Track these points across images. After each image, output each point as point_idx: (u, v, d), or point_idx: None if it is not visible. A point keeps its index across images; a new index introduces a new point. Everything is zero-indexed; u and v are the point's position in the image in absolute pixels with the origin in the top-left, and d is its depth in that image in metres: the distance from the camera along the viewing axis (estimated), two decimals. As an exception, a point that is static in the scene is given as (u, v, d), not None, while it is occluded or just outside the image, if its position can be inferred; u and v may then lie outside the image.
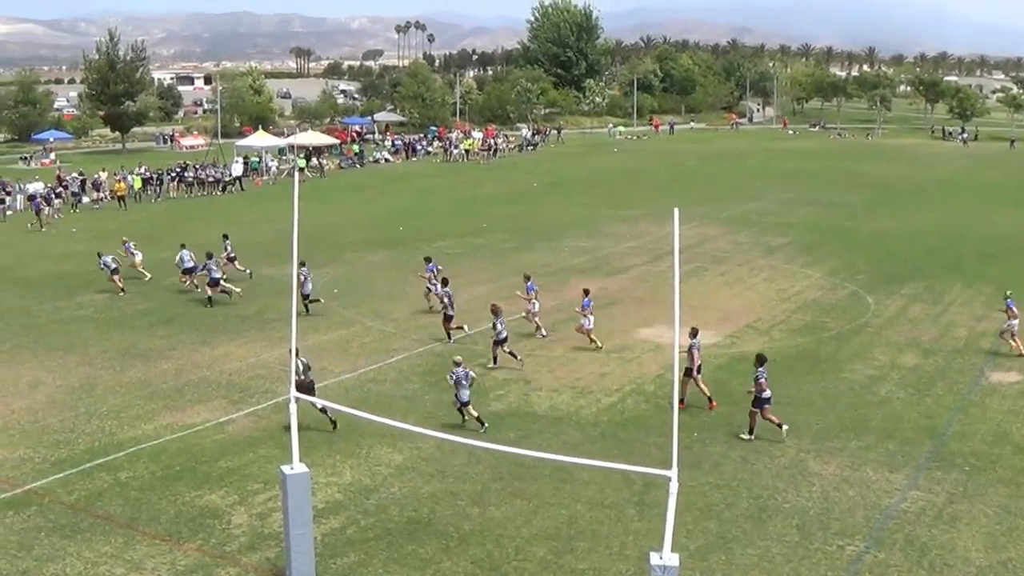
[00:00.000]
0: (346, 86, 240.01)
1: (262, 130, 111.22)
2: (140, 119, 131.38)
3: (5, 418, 30.64)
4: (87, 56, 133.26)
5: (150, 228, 65.66)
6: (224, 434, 28.92)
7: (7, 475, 26.36)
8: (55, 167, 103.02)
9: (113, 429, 29.42)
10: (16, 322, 42.27)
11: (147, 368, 35.32)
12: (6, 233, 66.58)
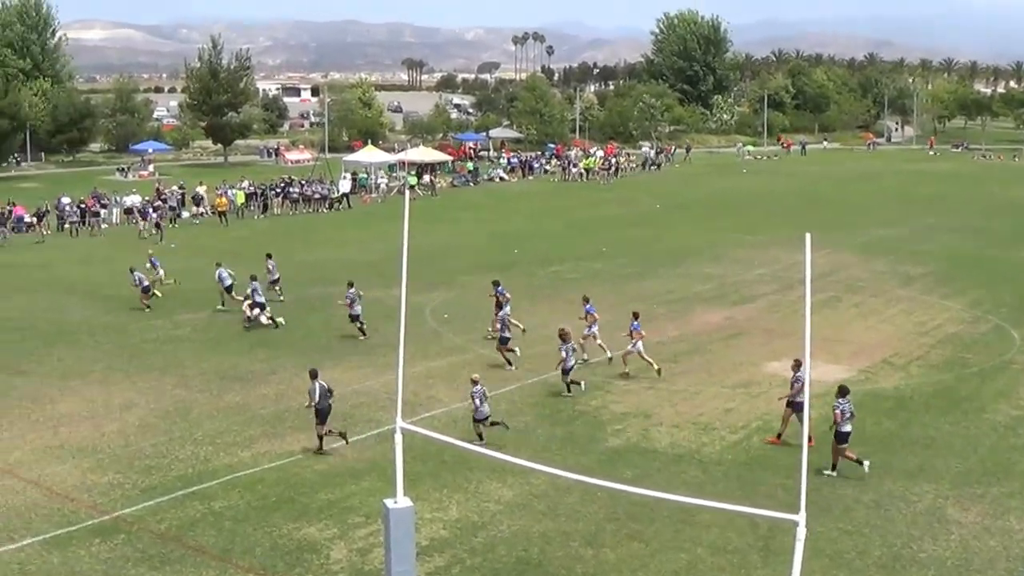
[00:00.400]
0: (460, 100, 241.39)
1: (371, 145, 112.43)
2: (243, 131, 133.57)
3: (95, 441, 31.24)
4: (188, 64, 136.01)
5: (252, 246, 66.56)
6: (325, 464, 29.17)
7: (95, 501, 26.85)
8: (154, 180, 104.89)
9: (208, 456, 29.85)
10: (110, 341, 43.12)
11: (245, 392, 35.77)
12: (101, 248, 68.03)
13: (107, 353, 41.34)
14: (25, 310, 49.93)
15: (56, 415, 33.69)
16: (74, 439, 31.39)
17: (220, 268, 49.04)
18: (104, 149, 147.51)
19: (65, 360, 40.46)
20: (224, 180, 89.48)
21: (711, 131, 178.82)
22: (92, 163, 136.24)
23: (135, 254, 63.90)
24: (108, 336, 43.96)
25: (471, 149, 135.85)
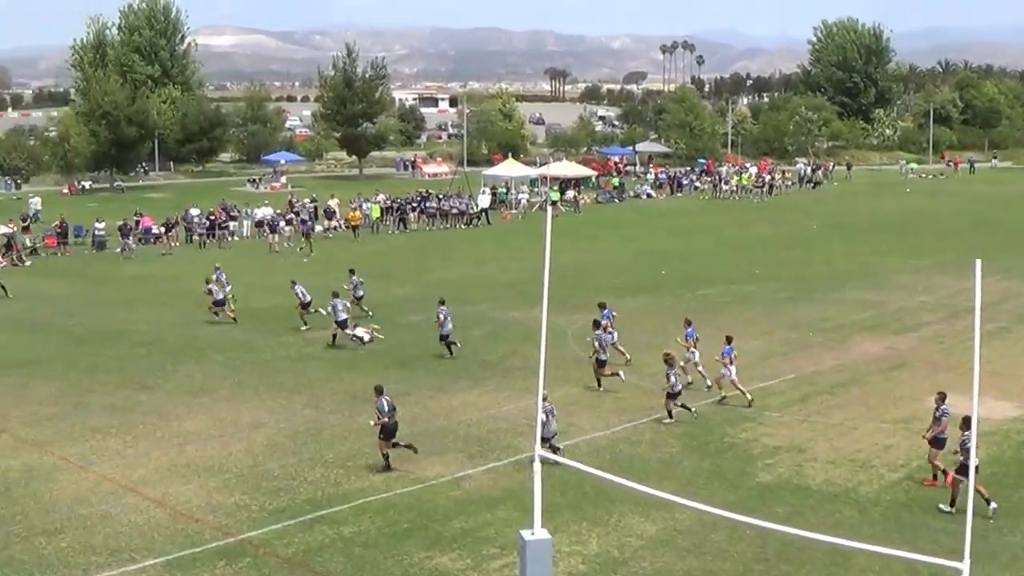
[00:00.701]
0: (605, 112, 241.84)
1: (512, 159, 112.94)
2: (379, 143, 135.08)
3: (222, 460, 31.80)
4: (322, 72, 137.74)
5: (386, 261, 67.42)
6: (460, 491, 29.36)
7: (221, 522, 27.32)
8: (286, 192, 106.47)
9: (338, 479, 30.19)
10: (239, 358, 43.87)
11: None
12: (229, 261, 69.14)
13: (236, 370, 42.08)
14: (152, 324, 51.03)
15: (183, 432, 34.38)
16: (201, 458, 32.00)
17: (296, 286, 49.69)
18: (234, 159, 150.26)
19: (193, 376, 41.29)
20: (359, 193, 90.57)
21: (872, 147, 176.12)
22: (222, 174, 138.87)
23: (265, 268, 65.05)
24: (237, 352, 44.78)
25: (617, 164, 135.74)
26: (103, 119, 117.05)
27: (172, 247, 76.60)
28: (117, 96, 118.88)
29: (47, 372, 42.26)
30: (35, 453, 32.83)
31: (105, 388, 39.48)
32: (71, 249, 76.22)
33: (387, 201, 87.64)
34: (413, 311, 50.54)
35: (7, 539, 26.34)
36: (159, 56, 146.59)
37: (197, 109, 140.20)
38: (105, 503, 28.56)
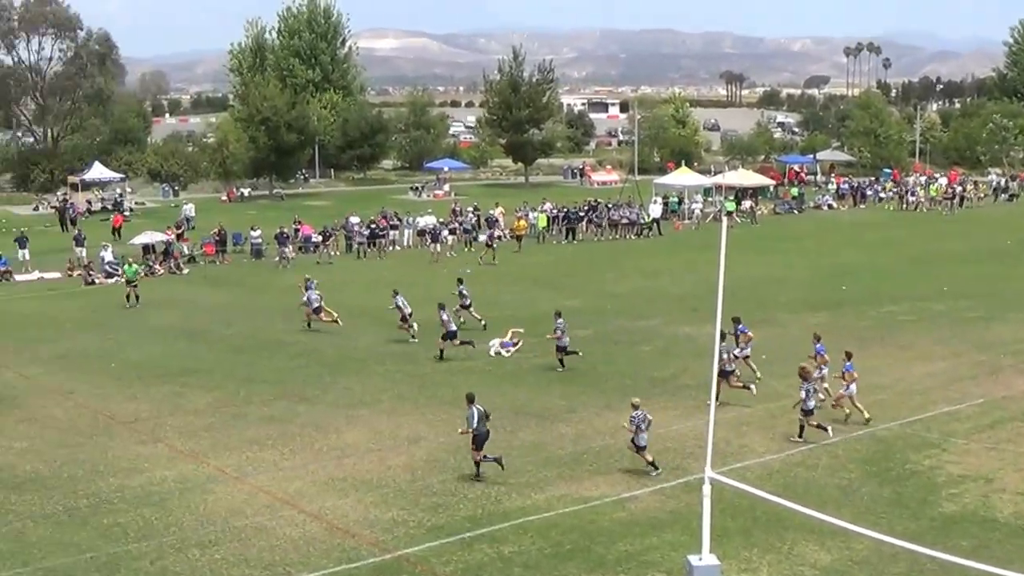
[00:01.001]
0: (784, 118, 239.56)
1: (685, 167, 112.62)
2: (546, 150, 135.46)
3: (380, 474, 32.30)
4: (487, 76, 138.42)
5: (552, 273, 67.73)
6: (625, 512, 29.41)
7: (378, 537, 27.76)
8: (450, 200, 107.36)
9: (499, 496, 30.49)
10: (399, 370, 44.46)
11: (542, 431, 36.37)
12: (390, 270, 70.11)
13: (396, 382, 42.66)
14: (311, 335, 51.93)
15: (341, 445, 34.98)
16: (358, 471, 32.55)
17: (397, 296, 50.36)
18: (396, 167, 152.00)
19: (352, 388, 41.96)
20: (524, 202, 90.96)
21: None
22: (383, 181, 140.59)
23: (426, 278, 65.70)
24: (398, 364, 45.38)
25: (796, 173, 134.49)
26: (262, 125, 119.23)
27: (332, 256, 77.84)
28: (277, 101, 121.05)
29: (204, 382, 43.30)
30: (191, 464, 33.70)
31: (263, 399, 40.32)
32: (229, 257, 77.82)
33: (554, 210, 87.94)
34: (580, 325, 50.65)
35: (161, 550, 27.09)
36: (319, 60, 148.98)
37: (358, 115, 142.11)
38: (260, 515, 29.22)
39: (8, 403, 40.99)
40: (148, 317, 56.42)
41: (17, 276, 71.21)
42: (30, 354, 49.12)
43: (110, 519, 29.17)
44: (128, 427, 37.74)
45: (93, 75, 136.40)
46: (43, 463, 33.93)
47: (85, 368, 46.25)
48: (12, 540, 27.93)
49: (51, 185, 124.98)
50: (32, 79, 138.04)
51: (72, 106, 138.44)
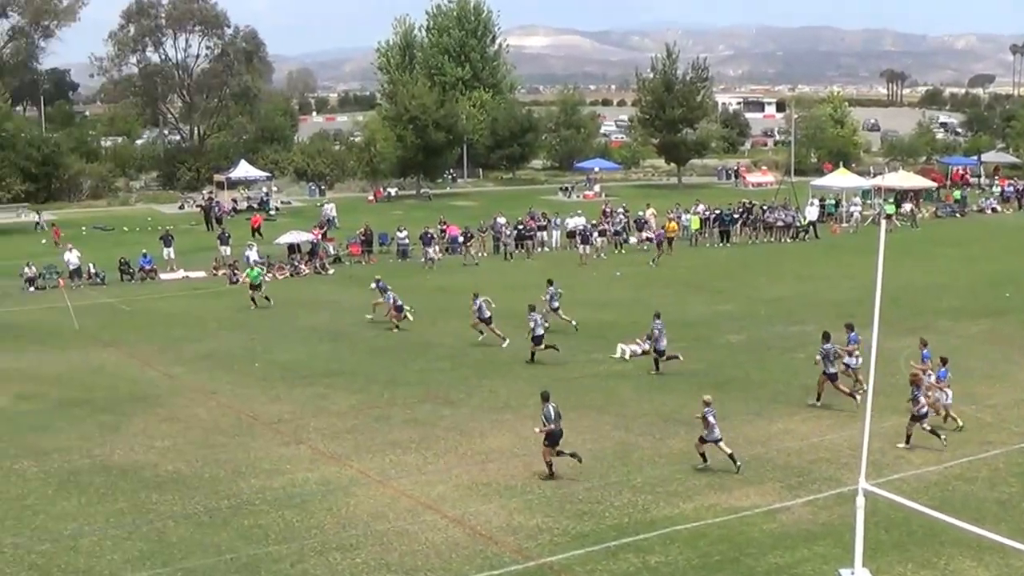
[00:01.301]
0: (947, 118, 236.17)
1: (843, 168, 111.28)
2: (699, 150, 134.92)
3: (525, 481, 32.36)
4: (640, 74, 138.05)
5: (704, 276, 67.40)
6: (775, 523, 29.16)
7: (521, 544, 27.81)
8: (600, 200, 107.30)
9: (647, 505, 30.37)
10: (546, 375, 44.42)
11: (691, 438, 35.97)
12: (536, 272, 70.17)
13: (542, 386, 42.51)
14: (457, 337, 52.17)
15: (485, 450, 35.13)
16: (503, 476, 32.66)
17: (478, 299, 50.57)
18: (546, 166, 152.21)
19: (498, 392, 42.12)
20: (677, 204, 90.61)
21: None
22: (533, 181, 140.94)
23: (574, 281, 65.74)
24: (545, 369, 45.40)
25: (959, 175, 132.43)
26: (410, 124, 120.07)
27: (479, 256, 78.27)
28: (425, 100, 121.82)
29: (348, 384, 43.73)
30: (333, 466, 34.06)
31: (406, 401, 40.59)
32: (375, 257, 78.57)
33: (707, 212, 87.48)
34: (733, 330, 50.42)
35: (302, 553, 27.41)
36: (469, 58, 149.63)
37: (508, 113, 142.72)
38: (402, 520, 29.44)
39: (152, 402, 41.77)
40: (292, 317, 57.11)
41: (162, 275, 72.58)
42: (174, 353, 50.01)
43: (251, 520, 29.60)
44: (271, 428, 38.27)
45: (240, 73, 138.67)
46: (185, 463, 34.53)
47: (229, 368, 46.99)
48: (153, 540, 28.44)
49: (197, 183, 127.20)
50: (179, 77, 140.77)
51: (219, 104, 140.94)
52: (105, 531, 29.04)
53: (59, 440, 37.18)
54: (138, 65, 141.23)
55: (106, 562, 27.19)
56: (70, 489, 32.46)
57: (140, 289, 68.90)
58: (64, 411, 40.89)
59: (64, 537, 28.75)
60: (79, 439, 37.21)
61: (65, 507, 30.99)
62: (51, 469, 34.29)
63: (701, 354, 47.33)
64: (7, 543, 28.38)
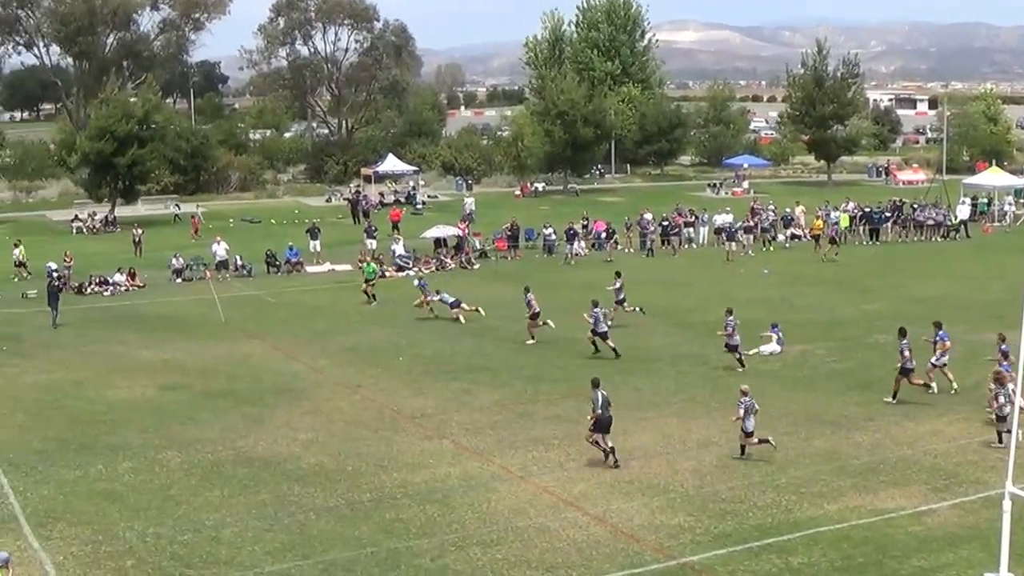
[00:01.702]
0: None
1: (996, 166, 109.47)
2: (849, 147, 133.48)
3: (668, 479, 32.28)
4: (790, 70, 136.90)
5: (853, 274, 66.63)
6: (921, 526, 28.77)
7: (663, 543, 27.74)
8: (748, 197, 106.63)
9: (790, 505, 30.15)
10: (692, 372, 44.36)
11: (836, 439, 35.83)
12: (684, 270, 69.96)
13: (688, 384, 42.54)
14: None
15: (628, 447, 34.96)
16: (645, 475, 32.60)
17: (528, 293, 51.17)
18: (694, 163, 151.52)
19: (642, 389, 42.00)
20: (826, 201, 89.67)
21: None
22: (681, 177, 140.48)
23: (720, 278, 65.49)
24: (691, 366, 45.29)
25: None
26: (558, 119, 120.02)
27: (627, 251, 78.19)
28: (574, 95, 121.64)
29: (491, 379, 43.89)
30: (475, 461, 34.24)
31: (550, 398, 40.63)
32: (521, 252, 78.65)
33: (856, 210, 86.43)
34: (881, 329, 49.77)
35: (442, 547, 27.59)
36: (619, 53, 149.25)
37: (656, 109, 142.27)
38: (543, 516, 29.50)
39: (296, 395, 42.28)
40: (437, 311, 57.26)
41: (308, 267, 73.28)
42: (319, 346, 50.53)
43: (392, 514, 29.84)
44: (414, 422, 38.54)
45: (389, 67, 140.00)
46: (327, 456, 34.91)
47: (373, 362, 47.38)
48: (294, 532, 28.80)
49: (344, 177, 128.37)
50: (328, 70, 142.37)
51: (367, 98, 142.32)
52: (247, 522, 29.51)
53: (203, 431, 37.82)
54: (287, 58, 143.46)
55: (247, 553, 27.60)
56: (213, 480, 33.03)
57: (286, 281, 69.67)
58: (208, 402, 41.58)
59: (206, 528, 29.25)
60: (223, 431, 37.82)
61: (208, 498, 31.54)
62: (195, 460, 34.92)
63: (849, 353, 46.92)
64: (150, 533, 28.94)
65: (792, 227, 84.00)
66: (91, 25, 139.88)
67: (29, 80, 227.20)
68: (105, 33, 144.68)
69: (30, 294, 63.97)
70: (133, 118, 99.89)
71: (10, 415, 40.53)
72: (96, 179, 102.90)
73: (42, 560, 27.51)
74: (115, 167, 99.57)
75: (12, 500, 31.63)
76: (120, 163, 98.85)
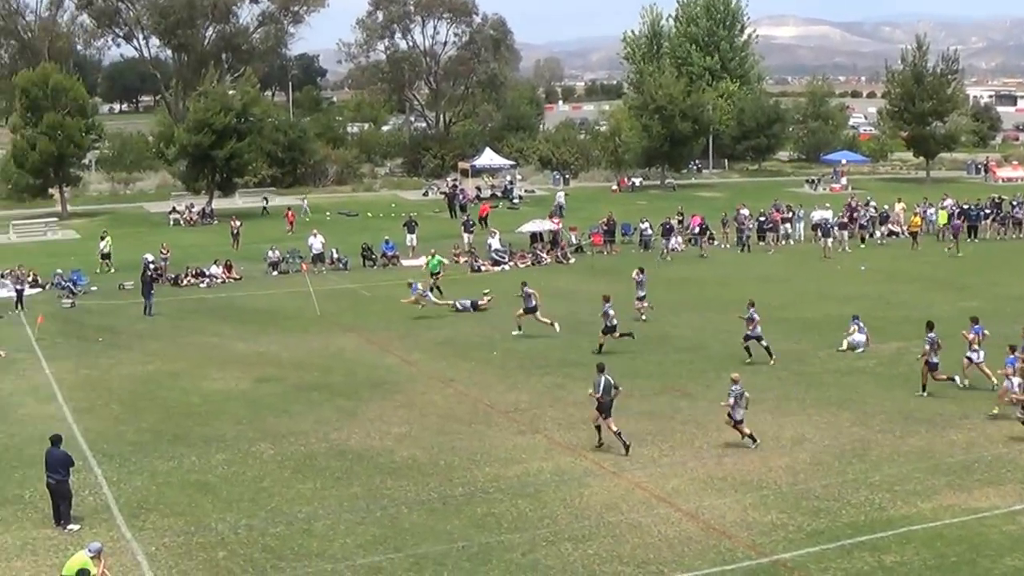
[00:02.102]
0: None
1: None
2: (949, 143, 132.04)
3: (761, 476, 32.17)
4: (889, 66, 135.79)
5: (950, 272, 66.05)
6: (1015, 525, 28.48)
7: (755, 540, 27.66)
8: (846, 193, 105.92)
9: (884, 503, 29.93)
10: (786, 368, 44.10)
11: (932, 437, 35.52)
12: (780, 265, 69.55)
13: (782, 381, 42.31)
14: (697, 329, 52.10)
15: (721, 444, 35.00)
16: (738, 471, 32.53)
17: (525, 286, 51.31)
18: (792, 158, 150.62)
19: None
20: (925, 197, 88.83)
21: None
22: (778, 173, 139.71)
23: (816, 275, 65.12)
24: (784, 362, 44.96)
25: None
26: (656, 113, 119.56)
27: (723, 247, 78.00)
28: (672, 89, 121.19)
29: (586, 374, 43.36)
30: (568, 456, 34.29)
31: (643, 393, 40.49)
32: (618, 247, 78.48)
33: (955, 207, 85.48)
34: (978, 327, 49.25)
35: (533, 542, 27.68)
36: (718, 48, 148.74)
37: (755, 104, 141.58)
38: (636, 512, 29.52)
39: (390, 388, 42.53)
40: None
41: (404, 261, 73.48)
42: (413, 340, 50.76)
43: (484, 508, 29.97)
44: (507, 417, 38.66)
45: (487, 61, 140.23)
46: (420, 449, 35.10)
47: (467, 356, 47.53)
48: (387, 525, 29.00)
49: (441, 171, 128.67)
50: (426, 63, 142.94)
51: (465, 91, 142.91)
52: (339, 515, 29.75)
53: (296, 424, 38.15)
54: (385, 52, 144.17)
55: (339, 546, 27.82)
56: (306, 472, 33.33)
57: (381, 275, 69.98)
58: (302, 395, 41.93)
59: (298, 520, 29.53)
60: (316, 423, 38.12)
61: (300, 490, 31.83)
62: (288, 452, 35.24)
63: (946, 351, 46.33)
64: (242, 524, 29.28)
65: (889, 224, 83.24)
66: (190, 18, 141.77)
67: (128, 72, 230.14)
68: (204, 26, 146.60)
69: (127, 285, 64.88)
70: (231, 111, 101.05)
71: (105, 406, 41.13)
72: (193, 171, 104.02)
73: (134, 551, 27.92)
74: (213, 159, 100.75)
75: (106, 491, 32.13)
76: (218, 156, 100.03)
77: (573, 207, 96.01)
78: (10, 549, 28.21)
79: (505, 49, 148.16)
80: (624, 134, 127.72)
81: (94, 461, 34.64)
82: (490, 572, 26.26)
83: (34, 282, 66.86)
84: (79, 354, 49.69)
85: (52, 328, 54.71)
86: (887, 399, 39.75)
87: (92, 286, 66.32)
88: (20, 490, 32.31)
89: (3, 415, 40.37)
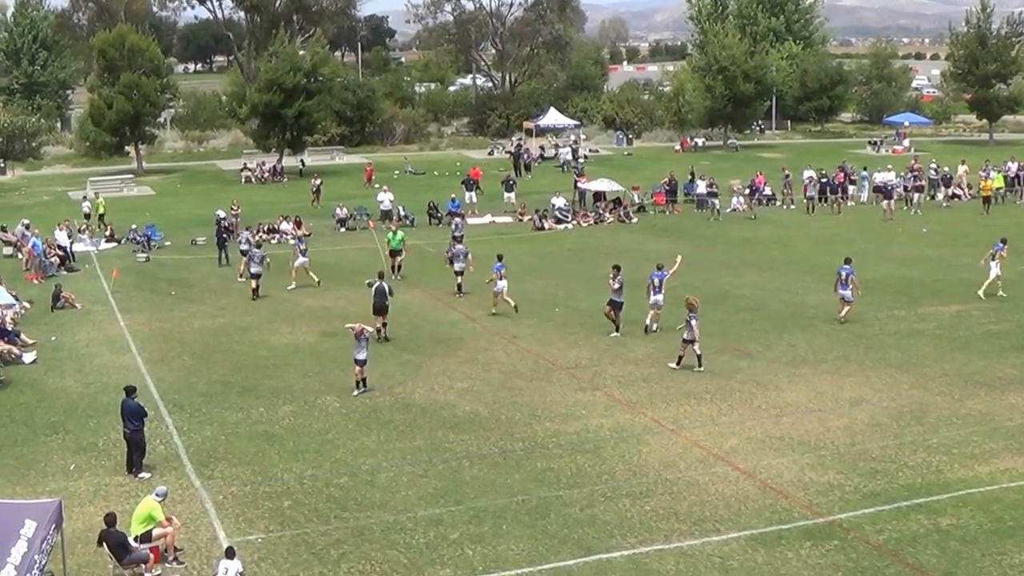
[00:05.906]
0: None
1: None
2: (1012, 106, 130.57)
3: (819, 436, 32.02)
4: (953, 28, 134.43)
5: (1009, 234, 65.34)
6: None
7: (811, 500, 27.56)
8: (908, 155, 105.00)
9: (941, 466, 29.74)
10: (846, 330, 43.80)
11: (991, 400, 35.21)
12: (844, 227, 69.06)
13: (842, 342, 42.05)
14: (758, 288, 51.82)
15: (780, 404, 34.88)
16: (796, 431, 32.39)
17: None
18: (855, 120, 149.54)
19: (796, 346, 41.69)
20: (987, 160, 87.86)
21: None
22: (841, 134, 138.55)
23: (878, 236, 64.59)
24: (848, 326, 44.57)
25: None
26: (720, 74, 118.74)
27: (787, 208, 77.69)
28: (736, 51, 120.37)
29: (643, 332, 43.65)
30: (627, 413, 34.25)
31: (704, 353, 40.22)
32: (680, 207, 78.12)
33: (1017, 170, 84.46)
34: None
35: (591, 497, 27.70)
36: (784, 9, 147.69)
37: (818, 66, 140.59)
38: (693, 470, 29.48)
39: (454, 344, 42.57)
40: (594, 265, 56.91)
41: (470, 219, 73.11)
42: (477, 296, 50.56)
43: (543, 463, 30.01)
44: (568, 373, 38.63)
45: (552, 22, 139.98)
46: (482, 404, 35.17)
47: (530, 313, 47.38)
48: (448, 478, 29.10)
49: (506, 130, 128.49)
50: (493, 25, 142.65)
51: (530, 52, 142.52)
52: (401, 467, 29.89)
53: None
54: (453, 13, 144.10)
55: (401, 497, 27.94)
56: (371, 425, 33.49)
57: (447, 232, 69.80)
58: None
59: (362, 471, 29.70)
60: (381, 377, 38.16)
61: (364, 442, 32.01)
62: (353, 405, 35.41)
63: (1006, 315, 46.05)
64: (307, 475, 29.48)
65: (952, 186, 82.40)
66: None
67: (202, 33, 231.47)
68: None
69: (199, 241, 65.29)
70: (301, 70, 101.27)
71: (177, 358, 41.41)
72: (264, 130, 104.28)
73: (203, 498, 28.16)
74: (283, 118, 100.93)
75: (176, 440, 32.44)
76: (288, 114, 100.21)
77: (635, 166, 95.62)
78: (83, 495, 28.56)
79: (570, 10, 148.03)
80: (687, 95, 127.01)
81: (165, 411, 34.98)
82: (548, 526, 26.29)
83: (110, 237, 67.51)
84: (152, 307, 50.10)
85: (127, 281, 55.18)
86: (947, 362, 39.42)
87: (166, 241, 66.65)
88: (94, 438, 32.73)
89: (79, 365, 40.79)
